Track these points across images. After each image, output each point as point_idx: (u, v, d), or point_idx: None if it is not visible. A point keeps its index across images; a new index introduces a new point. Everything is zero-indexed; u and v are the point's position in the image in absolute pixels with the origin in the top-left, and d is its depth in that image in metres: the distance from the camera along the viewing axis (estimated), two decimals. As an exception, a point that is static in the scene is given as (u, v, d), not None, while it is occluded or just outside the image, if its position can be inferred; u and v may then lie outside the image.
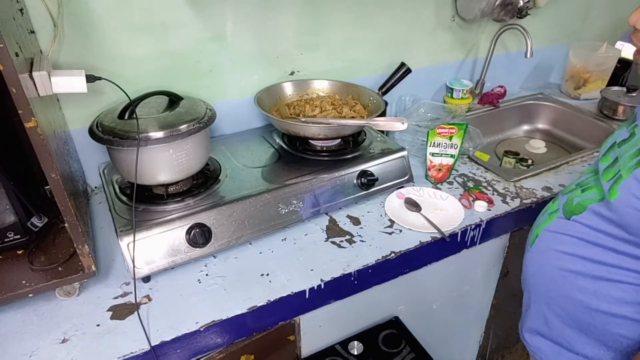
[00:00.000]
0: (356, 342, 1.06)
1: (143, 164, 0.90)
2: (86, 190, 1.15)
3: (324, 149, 1.17)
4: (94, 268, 0.83)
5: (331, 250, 0.99)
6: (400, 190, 1.17)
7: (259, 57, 1.25)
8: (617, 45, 1.80)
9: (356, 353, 1.04)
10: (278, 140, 1.23)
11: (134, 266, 0.87)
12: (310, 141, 1.17)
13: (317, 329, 1.02)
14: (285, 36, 1.26)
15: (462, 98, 1.58)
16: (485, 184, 1.23)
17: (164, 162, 0.93)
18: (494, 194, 1.18)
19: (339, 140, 1.18)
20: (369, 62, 1.43)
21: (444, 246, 1.06)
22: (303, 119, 1.15)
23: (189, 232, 0.91)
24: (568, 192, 0.94)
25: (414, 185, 1.19)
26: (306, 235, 1.03)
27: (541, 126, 1.76)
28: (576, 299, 0.86)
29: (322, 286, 0.91)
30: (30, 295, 0.81)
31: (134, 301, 0.86)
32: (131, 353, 0.77)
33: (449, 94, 1.60)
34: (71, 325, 0.82)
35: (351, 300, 1.00)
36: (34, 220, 0.89)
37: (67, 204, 0.75)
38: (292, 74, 1.33)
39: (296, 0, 1.22)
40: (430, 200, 1.15)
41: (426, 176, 1.24)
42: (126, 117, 0.92)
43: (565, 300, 0.89)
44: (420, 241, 1.02)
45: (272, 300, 0.87)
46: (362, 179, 1.10)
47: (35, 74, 0.76)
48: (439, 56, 1.57)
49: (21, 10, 0.88)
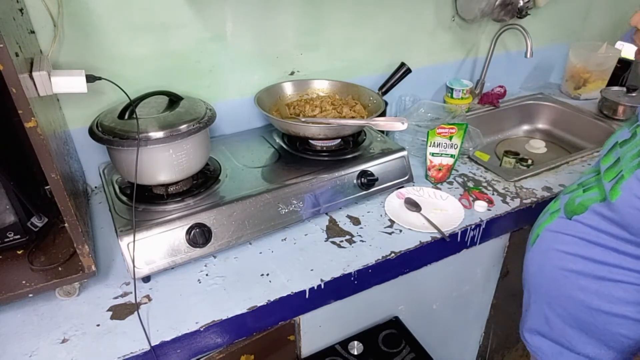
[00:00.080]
0: (356, 342, 1.06)
1: (143, 164, 0.90)
2: (86, 190, 1.15)
3: (324, 149, 1.17)
4: (94, 268, 0.83)
5: (331, 250, 0.99)
6: (400, 190, 1.17)
7: (259, 57, 1.25)
8: (617, 45, 1.80)
9: (356, 353, 1.04)
10: (278, 140, 1.23)
11: (134, 266, 0.86)
12: (310, 141, 1.17)
13: (317, 329, 1.02)
14: (285, 36, 1.26)
15: (462, 98, 1.58)
16: (485, 184, 1.23)
17: (164, 162, 0.93)
18: (494, 194, 1.18)
19: (339, 140, 1.18)
20: (369, 62, 1.43)
21: (444, 246, 1.06)
22: (303, 119, 1.15)
23: (189, 232, 0.91)
24: (570, 192, 0.93)
25: (414, 185, 1.19)
26: (306, 235, 1.03)
27: (541, 126, 1.76)
28: (577, 299, 0.86)
29: (322, 286, 0.91)
30: (30, 295, 0.81)
31: (134, 301, 0.86)
32: (131, 353, 0.77)
33: (449, 94, 1.60)
34: (71, 325, 0.82)
35: (351, 300, 1.00)
36: (34, 220, 0.89)
37: (67, 204, 0.75)
38: (292, 74, 1.33)
39: (296, 0, 1.22)
40: (430, 200, 1.15)
41: (426, 176, 1.24)
42: (126, 117, 0.92)
43: (567, 300, 0.89)
44: (420, 241, 1.02)
45: (272, 300, 0.87)
46: (362, 179, 1.10)
47: (35, 74, 0.76)
48: (439, 56, 1.57)
49: (21, 10, 0.88)
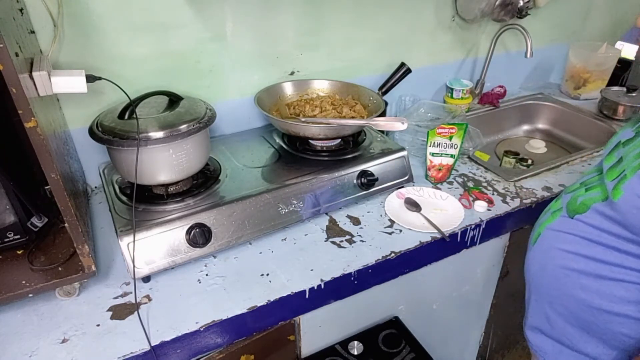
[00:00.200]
0: (356, 342, 1.06)
1: (143, 164, 0.90)
2: (86, 190, 1.15)
3: (324, 149, 1.17)
4: (94, 268, 0.83)
5: (331, 250, 0.99)
6: (400, 190, 1.17)
7: (259, 57, 1.25)
8: (617, 45, 1.81)
9: (356, 353, 1.04)
10: (278, 140, 1.23)
11: (134, 266, 0.86)
12: (310, 141, 1.17)
13: (317, 329, 1.02)
14: (285, 36, 1.26)
15: (462, 98, 1.58)
16: (485, 184, 1.23)
17: (164, 162, 0.93)
18: (494, 194, 1.18)
19: (339, 140, 1.18)
20: (369, 62, 1.43)
21: (444, 246, 1.06)
22: (303, 119, 1.15)
23: (189, 232, 0.91)
24: (572, 191, 0.93)
25: (414, 185, 1.19)
26: (306, 235, 1.03)
27: (541, 126, 1.76)
28: (579, 298, 0.86)
29: (322, 286, 0.91)
30: (30, 295, 0.81)
31: (134, 301, 0.86)
32: (131, 353, 0.77)
33: (449, 94, 1.60)
34: (71, 325, 0.82)
35: (351, 300, 1.00)
36: (34, 220, 0.89)
37: (67, 204, 0.75)
38: (292, 74, 1.33)
39: (296, 0, 1.22)
40: (430, 200, 1.15)
41: (426, 176, 1.24)
42: (126, 117, 0.92)
43: (568, 299, 0.89)
44: (420, 241, 1.02)
45: (272, 300, 0.87)
46: (362, 179, 1.10)
47: (35, 74, 0.76)
48: (439, 56, 1.57)
49: (21, 10, 0.88)
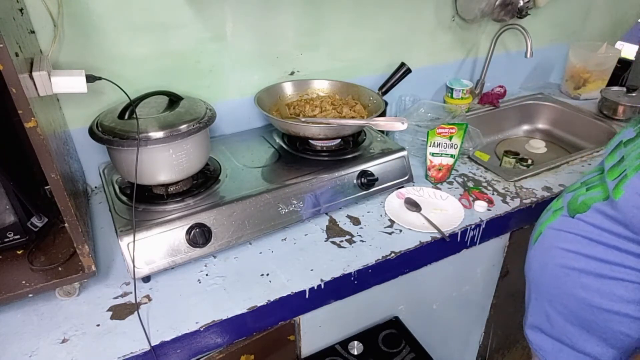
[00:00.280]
0: (356, 342, 1.06)
1: (143, 164, 0.90)
2: (86, 190, 1.15)
3: (324, 149, 1.17)
4: (94, 268, 0.83)
5: (331, 250, 0.99)
6: (400, 190, 1.17)
7: (259, 57, 1.25)
8: (617, 45, 1.81)
9: (356, 353, 1.04)
10: (278, 140, 1.23)
11: (134, 266, 0.86)
12: (310, 141, 1.17)
13: (317, 329, 1.02)
14: (285, 36, 1.26)
15: (462, 98, 1.58)
16: (485, 184, 1.23)
17: (164, 162, 0.93)
18: (494, 194, 1.18)
19: (339, 140, 1.18)
20: (369, 62, 1.43)
21: (444, 246, 1.06)
22: (303, 119, 1.15)
23: (189, 232, 0.91)
24: (573, 190, 0.94)
25: (414, 185, 1.19)
26: (306, 235, 1.03)
27: (541, 126, 1.76)
28: (579, 297, 0.86)
29: (322, 286, 0.91)
30: (30, 295, 0.81)
31: (134, 301, 0.86)
32: (131, 353, 0.77)
33: (449, 94, 1.60)
34: (71, 325, 0.82)
35: (351, 300, 1.00)
36: (34, 220, 0.89)
37: (67, 204, 0.75)
38: (292, 74, 1.33)
39: (296, 0, 1.22)
40: (430, 200, 1.15)
41: (426, 176, 1.24)
42: (126, 117, 0.92)
43: (568, 298, 0.89)
44: (420, 241, 1.02)
45: (272, 300, 0.87)
46: (362, 179, 1.10)
47: (35, 74, 0.76)
48: (439, 56, 1.57)
49: (21, 10, 0.88)
